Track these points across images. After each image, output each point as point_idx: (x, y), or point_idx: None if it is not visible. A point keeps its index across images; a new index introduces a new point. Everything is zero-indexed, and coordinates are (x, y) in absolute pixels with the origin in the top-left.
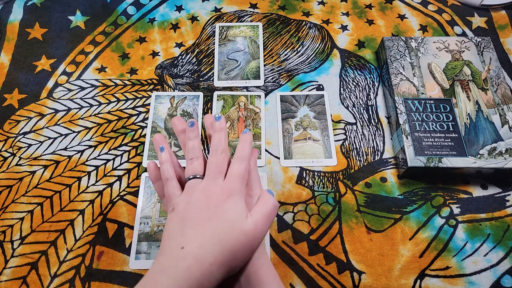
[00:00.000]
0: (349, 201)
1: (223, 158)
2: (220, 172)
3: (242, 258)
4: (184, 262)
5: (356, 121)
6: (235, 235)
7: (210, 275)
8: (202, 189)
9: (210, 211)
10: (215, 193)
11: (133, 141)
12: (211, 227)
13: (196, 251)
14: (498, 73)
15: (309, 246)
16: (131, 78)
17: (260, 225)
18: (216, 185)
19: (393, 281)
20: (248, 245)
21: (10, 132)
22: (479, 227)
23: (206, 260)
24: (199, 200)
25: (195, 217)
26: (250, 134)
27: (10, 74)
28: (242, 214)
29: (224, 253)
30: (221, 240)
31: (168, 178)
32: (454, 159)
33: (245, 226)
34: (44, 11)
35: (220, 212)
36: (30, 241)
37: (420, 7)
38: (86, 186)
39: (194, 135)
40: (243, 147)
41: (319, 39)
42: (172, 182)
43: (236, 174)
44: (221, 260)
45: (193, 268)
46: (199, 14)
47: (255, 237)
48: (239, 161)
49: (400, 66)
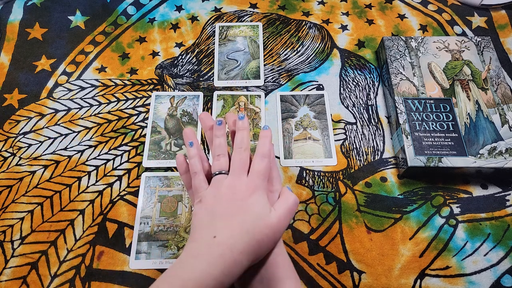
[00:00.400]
0: (349, 200)
1: (246, 156)
2: (243, 168)
3: (266, 248)
4: (217, 249)
5: (356, 121)
6: (260, 228)
7: (239, 263)
8: (228, 185)
9: (236, 205)
10: (240, 189)
11: (133, 141)
12: (239, 220)
13: (227, 240)
14: (498, 73)
15: (309, 245)
16: (131, 78)
17: (283, 219)
18: (241, 181)
19: (393, 280)
20: (272, 237)
21: (10, 132)
22: (479, 226)
23: (236, 249)
24: (226, 195)
25: (223, 210)
26: (270, 130)
27: (10, 74)
28: (266, 208)
29: (252, 243)
30: (249, 232)
31: (196, 172)
32: (454, 159)
33: (269, 220)
34: (44, 11)
35: (246, 207)
36: (30, 241)
37: (420, 7)
38: (86, 186)
39: (221, 133)
40: (263, 144)
41: (319, 39)
42: (199, 176)
43: (258, 170)
44: (249, 250)
45: (225, 255)
46: (199, 14)
47: (278, 229)
48: (261, 158)
49: (400, 66)
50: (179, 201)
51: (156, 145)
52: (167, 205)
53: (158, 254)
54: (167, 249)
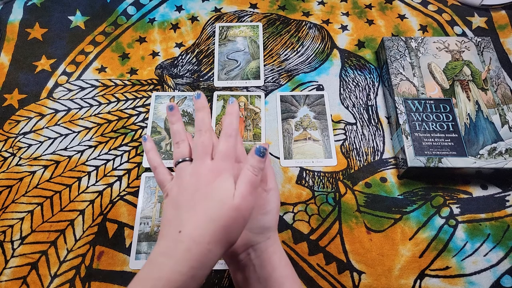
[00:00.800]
0: (349, 201)
1: (208, 137)
2: (206, 152)
3: (237, 231)
4: (182, 244)
5: (356, 121)
6: (225, 211)
7: (208, 253)
8: (192, 172)
9: (201, 193)
10: (204, 174)
11: (133, 141)
12: (203, 208)
13: (192, 232)
14: (498, 73)
15: (309, 246)
16: (131, 78)
17: (246, 195)
18: (205, 165)
19: (393, 281)
20: (240, 218)
21: (10, 132)
22: (479, 227)
23: (203, 239)
24: (189, 183)
25: (188, 200)
26: (236, 104)
27: (10, 74)
28: (230, 190)
29: (219, 230)
30: (214, 219)
31: (156, 165)
32: (454, 159)
33: (233, 201)
34: (44, 11)
35: (209, 193)
36: (30, 241)
37: (420, 7)
38: (86, 186)
39: (175, 118)
40: (229, 122)
41: (319, 39)
42: (160, 169)
43: (222, 152)
44: (217, 238)
45: (192, 249)
46: (199, 14)
47: (244, 208)
48: (225, 138)
49: (400, 66)
50: None
51: (156, 145)
52: None
53: None
54: None
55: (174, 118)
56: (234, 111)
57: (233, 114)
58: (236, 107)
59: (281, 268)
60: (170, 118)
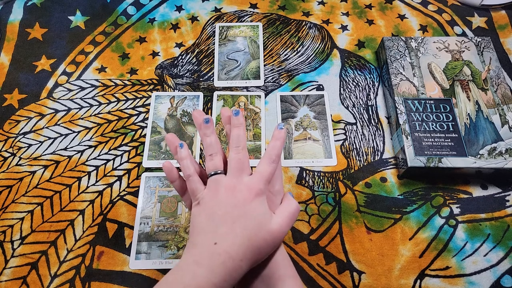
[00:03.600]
0: (349, 201)
1: (244, 155)
2: (242, 169)
3: (266, 253)
4: (219, 257)
5: (356, 121)
6: (262, 234)
7: (239, 269)
8: (227, 186)
9: (238, 209)
10: (241, 191)
11: (133, 141)
12: (241, 225)
13: (229, 248)
14: (498, 73)
15: (309, 246)
16: (131, 78)
17: (284, 225)
18: (241, 183)
19: (393, 281)
20: (272, 243)
21: (10, 132)
22: (479, 227)
23: (237, 256)
24: (225, 197)
25: (223, 214)
26: (284, 131)
27: (10, 74)
28: (267, 214)
29: (252, 249)
30: (250, 238)
31: (190, 174)
32: (454, 159)
33: (271, 226)
34: (44, 11)
35: (247, 212)
36: (30, 241)
37: (420, 7)
38: (86, 186)
39: (210, 131)
40: (274, 147)
41: (319, 39)
42: (194, 178)
43: (263, 175)
44: (249, 256)
45: (227, 263)
46: (199, 14)
47: (278, 236)
48: (269, 162)
49: (400, 66)
50: (179, 201)
51: (156, 145)
52: (167, 205)
53: (158, 254)
54: (167, 249)
55: (209, 131)
56: (281, 137)
57: (280, 140)
58: (284, 134)
59: (284, 267)
60: (204, 130)
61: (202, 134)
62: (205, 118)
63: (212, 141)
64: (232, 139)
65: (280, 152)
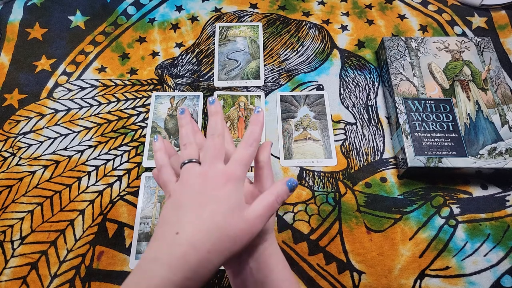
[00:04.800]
0: (349, 201)
1: (220, 142)
2: (217, 156)
3: (242, 244)
4: (179, 248)
5: (356, 121)
6: (235, 221)
7: (207, 262)
8: (199, 173)
9: (207, 195)
10: (214, 177)
11: (133, 141)
12: (208, 211)
13: (192, 237)
14: (498, 73)
15: (309, 246)
16: (131, 78)
17: (260, 215)
18: (215, 169)
19: (393, 281)
20: (248, 233)
21: (10, 132)
22: (479, 227)
23: (203, 246)
24: (195, 184)
25: (191, 201)
26: (262, 114)
27: (10, 74)
28: (242, 200)
29: (223, 239)
30: (220, 226)
31: (162, 165)
32: (454, 159)
33: (246, 213)
34: (44, 11)
35: (219, 197)
36: (30, 241)
37: (420, 7)
38: (86, 186)
39: (185, 121)
40: (252, 131)
41: (319, 39)
42: (166, 169)
43: (239, 159)
44: (220, 247)
45: (189, 255)
46: (199, 14)
47: (254, 225)
48: (245, 146)
49: (400, 66)
50: None
51: None
52: None
53: None
54: None
55: (184, 121)
56: (259, 121)
57: (257, 125)
58: (262, 118)
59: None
60: (179, 121)
61: (179, 126)
62: (180, 108)
63: (187, 131)
64: (208, 127)
65: (258, 136)
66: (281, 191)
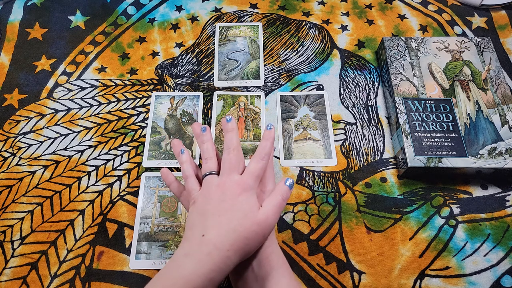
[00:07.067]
0: (349, 201)
1: (236, 155)
2: (233, 168)
3: (255, 244)
4: (205, 247)
5: (356, 121)
6: (248, 225)
7: (227, 259)
8: (218, 184)
9: (226, 203)
10: (230, 187)
11: (133, 141)
12: (227, 218)
13: (214, 238)
14: (498, 73)
15: (309, 246)
16: (131, 78)
17: (271, 215)
18: (231, 180)
19: (393, 281)
20: (260, 233)
21: (10, 132)
22: (479, 227)
23: (223, 246)
24: (215, 194)
25: (213, 209)
26: (274, 131)
27: (10, 74)
28: (254, 206)
29: (239, 240)
30: (236, 230)
31: (188, 175)
32: (454, 159)
33: (257, 217)
34: (44, 11)
35: (235, 205)
36: (30, 241)
37: (420, 7)
38: (86, 186)
39: (206, 138)
40: (264, 146)
41: (319, 39)
42: (191, 179)
43: (251, 171)
44: (237, 247)
45: (213, 253)
46: (199, 14)
47: (266, 226)
48: (257, 160)
49: (400, 66)
50: (179, 201)
51: (156, 145)
52: (167, 205)
53: (158, 254)
54: (167, 249)
55: (206, 138)
56: (270, 137)
57: (269, 140)
58: (273, 134)
59: (278, 267)
60: (201, 137)
61: (200, 142)
62: (202, 127)
63: (208, 147)
64: (225, 143)
65: (269, 151)
66: (284, 191)
